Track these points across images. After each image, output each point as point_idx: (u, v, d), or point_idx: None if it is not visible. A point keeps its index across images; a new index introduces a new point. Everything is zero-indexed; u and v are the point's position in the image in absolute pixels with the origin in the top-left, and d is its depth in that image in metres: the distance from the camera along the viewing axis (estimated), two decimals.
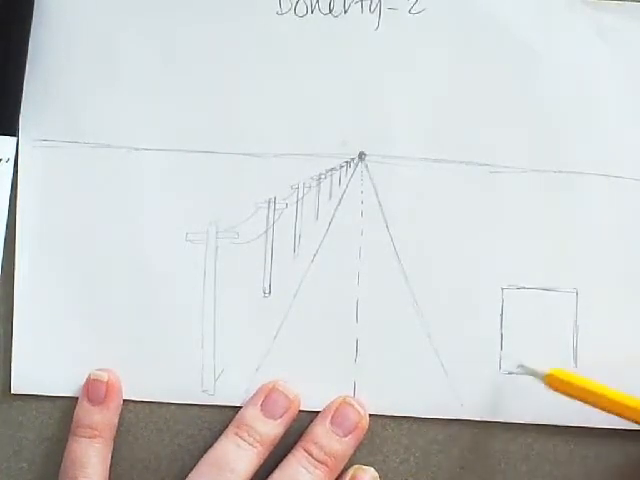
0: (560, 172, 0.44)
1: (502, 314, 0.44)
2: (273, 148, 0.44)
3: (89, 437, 0.43)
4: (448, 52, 0.44)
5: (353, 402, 0.44)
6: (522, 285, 0.44)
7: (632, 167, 0.44)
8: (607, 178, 0.44)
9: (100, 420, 0.44)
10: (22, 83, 0.44)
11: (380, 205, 0.44)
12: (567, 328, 0.44)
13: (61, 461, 0.44)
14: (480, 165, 0.44)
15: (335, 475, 0.43)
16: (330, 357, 0.44)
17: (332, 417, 0.43)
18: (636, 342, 0.44)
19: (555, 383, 0.41)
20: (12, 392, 0.45)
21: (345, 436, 0.43)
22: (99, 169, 0.44)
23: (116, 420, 0.44)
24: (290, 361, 0.44)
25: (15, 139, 0.44)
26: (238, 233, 0.44)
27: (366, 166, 0.44)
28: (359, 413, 0.43)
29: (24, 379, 0.45)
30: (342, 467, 0.43)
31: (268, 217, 0.44)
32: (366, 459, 0.45)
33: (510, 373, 0.44)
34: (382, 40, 0.44)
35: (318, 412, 0.44)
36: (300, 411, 0.44)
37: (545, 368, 0.42)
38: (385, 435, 0.45)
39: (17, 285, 0.45)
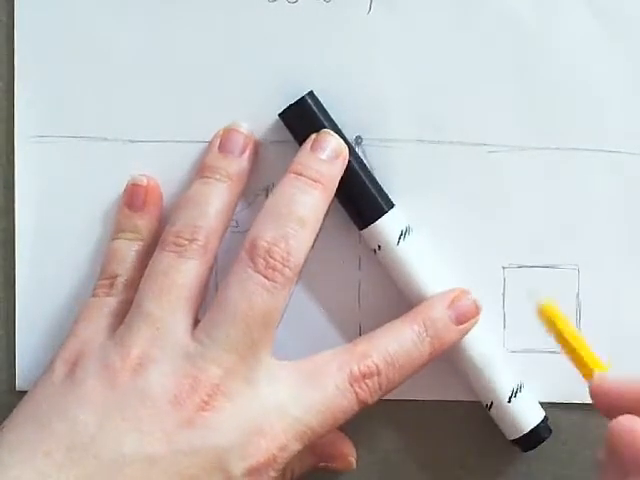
0: (558, 149, 0.44)
1: (504, 293, 0.44)
2: (269, 135, 0.44)
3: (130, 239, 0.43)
4: (441, 34, 0.44)
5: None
6: (523, 263, 0.44)
7: (630, 142, 0.44)
8: (606, 153, 0.44)
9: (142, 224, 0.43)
10: None
11: None
12: (570, 305, 0.44)
13: None
14: (477, 145, 0.44)
15: (329, 198, 0.41)
16: (333, 343, 0.44)
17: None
18: (639, 317, 0.44)
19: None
20: (17, 389, 0.45)
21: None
22: (96, 162, 0.44)
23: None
24: (292, 347, 0.44)
25: None
26: (237, 221, 0.44)
27: (363, 150, 0.44)
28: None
29: (28, 376, 0.44)
30: (334, 188, 0.42)
31: None
32: (365, 458, 0.45)
33: (514, 352, 0.44)
34: (374, 24, 0.44)
35: None
36: None
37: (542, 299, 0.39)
38: (384, 435, 0.45)
39: (18, 282, 0.45)
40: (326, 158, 0.41)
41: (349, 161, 0.42)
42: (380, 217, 0.42)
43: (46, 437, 0.37)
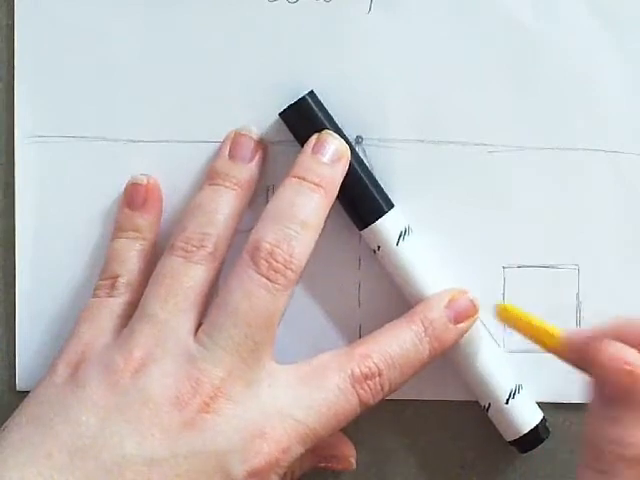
0: (558, 149, 0.44)
1: (504, 293, 0.44)
2: (269, 135, 0.44)
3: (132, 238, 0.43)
4: (441, 33, 0.44)
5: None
6: (523, 263, 0.44)
7: (629, 142, 0.44)
8: (605, 153, 0.44)
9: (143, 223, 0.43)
10: None
11: None
12: (570, 304, 0.44)
13: None
14: (477, 145, 0.44)
15: (331, 201, 0.42)
16: (333, 343, 0.44)
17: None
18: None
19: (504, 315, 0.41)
20: (17, 389, 0.45)
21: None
22: (96, 162, 0.44)
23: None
24: (292, 348, 0.44)
25: None
26: None
27: (363, 150, 0.44)
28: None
29: (28, 376, 0.45)
30: (336, 191, 0.42)
31: None
32: (365, 458, 0.45)
33: (512, 352, 0.44)
34: (374, 24, 0.44)
35: None
36: None
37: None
38: (384, 435, 0.45)
39: (18, 282, 0.45)
40: (328, 161, 0.41)
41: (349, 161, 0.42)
42: (380, 217, 0.42)
43: (48, 439, 0.37)
